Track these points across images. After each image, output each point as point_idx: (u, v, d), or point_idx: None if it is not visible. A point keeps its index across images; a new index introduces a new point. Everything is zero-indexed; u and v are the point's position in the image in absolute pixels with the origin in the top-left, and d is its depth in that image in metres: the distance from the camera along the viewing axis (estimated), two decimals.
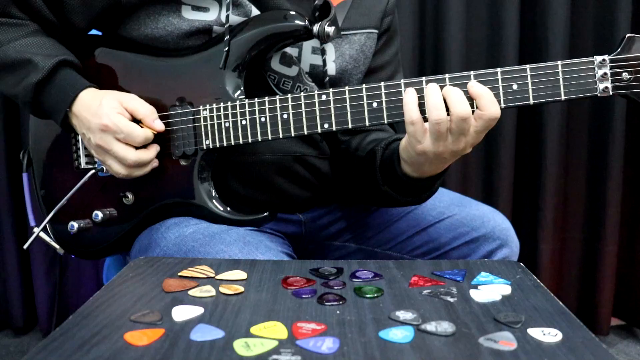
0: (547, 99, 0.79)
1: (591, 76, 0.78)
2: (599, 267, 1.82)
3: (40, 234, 1.03)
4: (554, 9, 1.67)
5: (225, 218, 0.92)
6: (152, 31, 0.93)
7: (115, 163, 0.89)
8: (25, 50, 0.90)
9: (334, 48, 1.00)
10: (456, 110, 0.78)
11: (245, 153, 0.95)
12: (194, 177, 0.93)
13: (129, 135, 0.87)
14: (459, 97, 0.78)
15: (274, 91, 0.96)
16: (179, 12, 0.92)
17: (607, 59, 0.77)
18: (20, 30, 0.92)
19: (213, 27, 0.92)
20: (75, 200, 0.99)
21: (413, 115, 0.80)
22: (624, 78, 0.78)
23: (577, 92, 0.78)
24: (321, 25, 0.89)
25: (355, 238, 1.09)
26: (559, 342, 0.56)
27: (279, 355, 0.53)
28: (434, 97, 0.79)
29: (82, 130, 0.91)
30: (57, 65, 0.90)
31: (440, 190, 1.11)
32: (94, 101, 0.89)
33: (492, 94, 0.79)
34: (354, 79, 1.03)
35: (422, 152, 0.82)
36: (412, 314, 0.62)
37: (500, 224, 1.03)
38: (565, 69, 0.78)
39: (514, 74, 0.79)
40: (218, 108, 0.90)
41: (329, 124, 0.85)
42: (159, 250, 0.90)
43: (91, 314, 0.63)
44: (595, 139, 1.80)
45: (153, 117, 0.90)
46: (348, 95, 0.84)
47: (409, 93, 0.81)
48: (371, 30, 1.04)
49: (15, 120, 1.71)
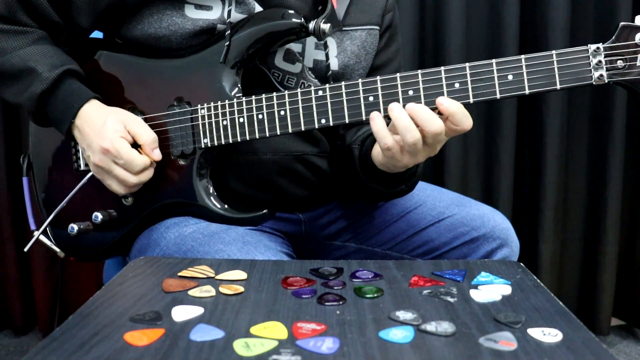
0: (542, 88, 0.79)
1: (586, 64, 0.78)
2: (599, 267, 1.82)
3: (40, 237, 1.02)
4: (554, 9, 1.67)
5: (223, 216, 0.93)
6: (156, 31, 0.93)
7: (115, 183, 0.90)
8: (29, 58, 0.90)
9: (335, 44, 1.00)
10: (430, 129, 0.78)
11: (246, 152, 0.95)
12: (192, 176, 0.93)
13: (127, 163, 0.88)
14: (427, 115, 0.79)
15: (277, 89, 0.96)
16: (182, 11, 0.92)
17: (602, 47, 0.78)
18: (25, 38, 0.92)
19: (217, 25, 0.93)
20: (75, 202, 0.99)
21: (388, 142, 0.81)
22: (619, 66, 0.78)
23: (573, 81, 0.79)
24: (317, 22, 0.90)
25: (355, 238, 1.09)
26: (559, 342, 0.56)
27: (279, 355, 0.53)
28: (403, 119, 0.79)
29: (83, 146, 0.91)
30: (61, 75, 0.90)
31: (440, 190, 1.11)
32: (98, 119, 0.89)
33: (463, 107, 0.79)
34: (355, 75, 1.03)
35: (402, 166, 0.85)
36: (412, 314, 0.62)
37: (500, 224, 1.04)
38: (560, 58, 0.78)
39: (509, 64, 0.80)
40: (216, 106, 0.91)
41: (325, 119, 0.86)
42: (159, 250, 0.90)
43: (91, 314, 0.63)
44: (595, 139, 1.79)
45: (153, 146, 0.91)
46: (344, 90, 0.85)
47: (375, 120, 0.81)
48: (372, 27, 1.05)
49: (16, 124, 1.71)
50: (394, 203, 1.08)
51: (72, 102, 0.90)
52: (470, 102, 0.81)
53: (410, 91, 0.82)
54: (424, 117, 0.78)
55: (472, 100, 0.81)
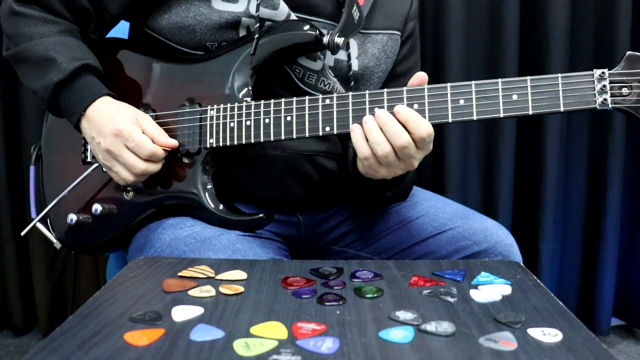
0: (546, 109, 0.80)
1: (590, 89, 0.79)
2: (599, 267, 1.82)
3: (38, 224, 1.03)
4: (554, 9, 1.67)
5: (221, 218, 0.93)
6: (182, 20, 0.95)
7: (123, 170, 0.91)
8: (52, 48, 0.92)
9: (357, 45, 1.01)
10: (395, 142, 0.81)
11: (256, 147, 0.95)
12: (195, 175, 0.94)
13: (138, 145, 0.89)
14: (394, 128, 0.81)
15: (297, 85, 0.97)
16: (209, 3, 0.94)
17: (607, 73, 0.79)
18: (53, 27, 0.94)
19: (242, 18, 0.94)
20: (77, 193, 1.00)
21: (365, 151, 0.83)
22: (624, 93, 0.79)
23: (576, 104, 0.79)
24: (331, 36, 0.91)
25: (355, 244, 1.08)
26: (559, 342, 0.56)
27: (279, 355, 0.53)
28: (374, 133, 0.82)
29: (92, 134, 0.92)
30: (79, 68, 0.92)
31: (444, 201, 1.11)
32: (111, 109, 0.92)
33: (417, 114, 0.81)
34: (375, 77, 1.04)
35: (380, 177, 0.88)
36: (412, 314, 0.62)
37: (503, 240, 1.01)
38: (565, 81, 0.79)
39: (514, 84, 0.81)
40: (225, 108, 0.92)
41: (330, 127, 0.87)
42: (153, 251, 0.91)
43: (91, 314, 0.63)
44: (596, 139, 1.79)
45: (163, 135, 0.92)
46: (351, 100, 0.86)
47: (354, 130, 0.84)
48: (394, 32, 1.06)
49: (16, 118, 1.70)
50: (396, 211, 1.07)
51: (85, 95, 0.92)
52: (474, 119, 0.82)
53: (415, 105, 0.83)
54: (390, 130, 0.82)
55: (475, 118, 0.82)
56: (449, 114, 0.82)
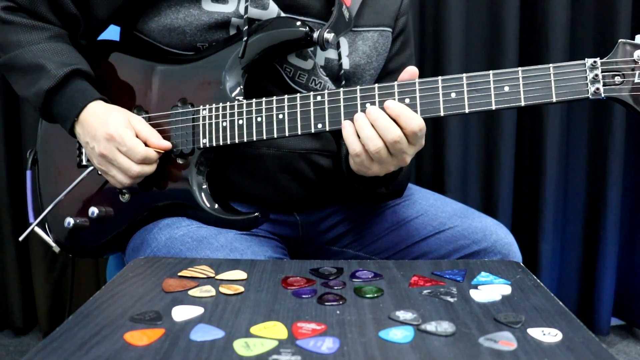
0: (538, 100, 0.80)
1: (582, 78, 0.78)
2: (599, 267, 1.82)
3: (35, 229, 1.03)
4: (554, 8, 1.67)
5: (217, 218, 0.92)
6: (172, 21, 0.94)
7: (119, 173, 0.91)
8: (41, 55, 0.92)
9: (347, 43, 1.01)
10: (386, 137, 0.81)
11: (250, 145, 0.95)
12: (189, 176, 0.94)
13: (130, 149, 0.89)
14: (385, 124, 0.81)
15: (287, 84, 0.97)
16: (199, 4, 0.93)
17: (599, 62, 0.78)
18: (41, 33, 0.94)
19: (231, 19, 0.94)
20: (73, 197, 1.00)
21: (356, 148, 0.83)
22: (616, 82, 0.78)
23: (569, 94, 0.79)
24: (320, 32, 0.91)
25: (354, 244, 1.08)
26: (559, 342, 0.56)
27: (279, 355, 0.53)
28: (365, 129, 0.82)
29: (86, 139, 0.92)
30: (69, 74, 0.92)
31: (443, 199, 1.11)
32: (103, 113, 0.91)
33: (408, 109, 0.81)
34: (367, 75, 1.04)
35: (373, 174, 0.87)
36: (412, 314, 0.62)
37: (502, 238, 1.01)
38: (557, 72, 0.79)
39: (506, 76, 0.80)
40: (217, 108, 0.91)
41: (322, 124, 0.86)
42: (150, 251, 0.91)
43: (91, 314, 0.63)
44: (596, 139, 1.79)
45: (156, 137, 0.92)
46: (342, 97, 0.85)
47: (346, 127, 0.84)
48: (384, 29, 1.05)
49: (16, 121, 1.70)
50: (395, 211, 1.07)
51: (77, 100, 0.92)
52: (466, 112, 0.82)
53: (407, 99, 0.83)
54: (381, 125, 0.81)
55: (467, 111, 0.82)
56: (440, 107, 0.82)
